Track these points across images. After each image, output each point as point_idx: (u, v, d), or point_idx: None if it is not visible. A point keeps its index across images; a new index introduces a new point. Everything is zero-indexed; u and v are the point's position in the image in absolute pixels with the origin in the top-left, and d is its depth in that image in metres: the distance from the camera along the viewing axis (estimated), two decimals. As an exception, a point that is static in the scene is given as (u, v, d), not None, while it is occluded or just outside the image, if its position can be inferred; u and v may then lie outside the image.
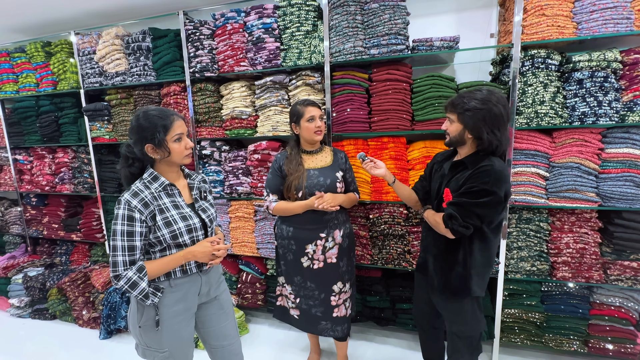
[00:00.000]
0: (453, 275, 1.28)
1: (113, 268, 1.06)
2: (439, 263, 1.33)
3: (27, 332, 2.44)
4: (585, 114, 1.62)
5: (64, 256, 3.01)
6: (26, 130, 2.83)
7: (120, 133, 2.52)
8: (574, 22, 1.61)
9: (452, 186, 1.25)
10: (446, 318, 1.41)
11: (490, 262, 1.29)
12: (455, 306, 1.33)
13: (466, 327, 1.34)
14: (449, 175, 1.31)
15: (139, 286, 1.06)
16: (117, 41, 2.36)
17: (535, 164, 1.74)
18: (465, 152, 1.28)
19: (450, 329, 1.39)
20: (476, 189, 1.15)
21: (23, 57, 2.71)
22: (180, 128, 1.14)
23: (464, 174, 1.23)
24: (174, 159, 1.15)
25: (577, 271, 1.76)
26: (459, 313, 1.33)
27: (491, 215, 1.18)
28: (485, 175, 1.15)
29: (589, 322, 1.80)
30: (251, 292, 2.33)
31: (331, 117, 1.99)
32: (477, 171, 1.17)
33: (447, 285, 1.31)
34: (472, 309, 1.32)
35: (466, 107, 1.18)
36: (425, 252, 1.42)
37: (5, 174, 3.06)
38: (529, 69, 1.66)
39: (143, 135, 1.10)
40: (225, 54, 2.13)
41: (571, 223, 1.75)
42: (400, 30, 1.78)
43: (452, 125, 1.26)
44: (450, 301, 1.34)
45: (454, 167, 1.30)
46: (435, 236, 1.32)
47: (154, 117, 1.10)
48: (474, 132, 1.20)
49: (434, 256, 1.36)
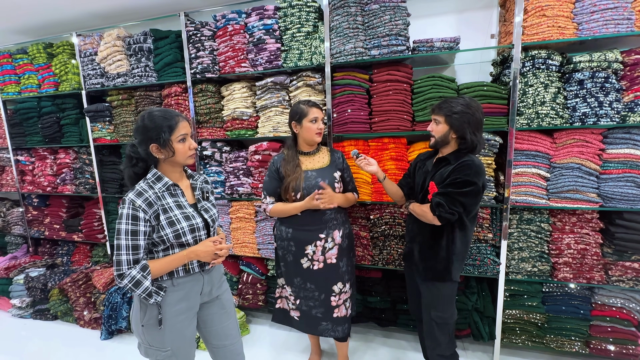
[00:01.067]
0: (437, 260, 1.41)
1: (117, 267, 1.06)
2: (424, 250, 1.45)
3: (28, 333, 2.45)
4: (586, 115, 1.62)
5: (65, 257, 3.02)
6: (28, 131, 2.84)
7: (122, 134, 2.53)
8: (575, 22, 1.61)
9: (436, 179, 1.37)
10: (426, 304, 1.48)
11: (467, 250, 1.44)
12: (435, 290, 1.44)
13: (445, 313, 1.43)
14: (433, 170, 1.43)
15: (143, 285, 1.07)
16: (119, 42, 2.37)
17: (536, 165, 1.73)
18: (448, 151, 1.41)
19: (429, 316, 1.46)
20: (460, 180, 1.28)
21: (25, 59, 2.73)
22: (185, 129, 1.15)
23: (447, 168, 1.35)
24: (178, 159, 1.16)
25: (579, 272, 1.76)
26: (438, 297, 1.44)
27: (472, 204, 1.32)
28: (467, 168, 1.29)
29: (590, 323, 1.79)
30: (252, 292, 2.33)
31: (332, 118, 1.99)
32: (460, 165, 1.30)
33: (431, 269, 1.43)
34: (450, 295, 1.44)
35: (454, 110, 1.33)
36: (411, 242, 1.53)
37: (7, 175, 3.07)
38: (529, 70, 1.67)
39: (148, 135, 1.11)
40: (226, 55, 2.14)
41: (572, 224, 1.75)
42: (401, 31, 1.78)
43: (438, 127, 1.39)
44: (432, 286, 1.44)
45: (438, 162, 1.43)
46: (421, 226, 1.44)
47: (159, 117, 1.12)
48: (458, 133, 1.34)
49: (420, 244, 1.47)
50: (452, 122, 1.34)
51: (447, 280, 1.41)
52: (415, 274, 1.53)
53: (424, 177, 1.47)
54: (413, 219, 1.49)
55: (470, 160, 1.31)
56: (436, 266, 1.41)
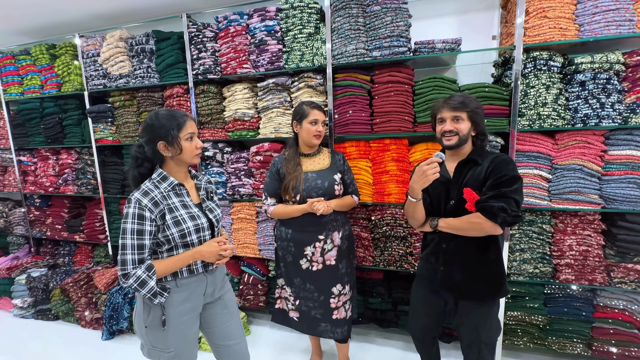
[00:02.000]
0: (489, 277, 1.24)
1: (122, 266, 1.06)
2: (470, 269, 1.26)
3: (30, 333, 2.45)
4: (588, 116, 1.62)
5: (67, 257, 3.02)
6: (30, 132, 2.86)
7: (124, 135, 2.53)
8: (576, 24, 1.61)
9: (470, 184, 1.22)
10: (474, 327, 1.29)
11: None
12: (485, 311, 1.27)
13: (494, 332, 1.30)
14: (457, 177, 1.28)
15: (148, 285, 1.07)
16: (121, 43, 2.38)
17: (538, 166, 1.73)
18: (467, 151, 1.30)
19: (478, 338, 1.28)
20: (507, 177, 1.15)
21: (28, 60, 2.74)
22: (192, 128, 1.17)
23: (476, 169, 1.23)
24: (185, 158, 1.17)
25: (581, 274, 1.75)
26: (488, 318, 1.28)
27: (522, 201, 1.20)
28: (507, 163, 1.19)
29: (592, 325, 1.78)
30: (253, 293, 2.33)
31: (333, 119, 1.99)
32: (498, 162, 1.19)
33: (483, 289, 1.25)
34: (496, 312, 1.30)
35: (472, 106, 1.26)
36: (448, 264, 1.30)
37: (10, 175, 3.08)
38: (531, 71, 1.67)
39: (157, 132, 1.12)
40: (228, 56, 2.14)
41: (574, 225, 1.75)
42: (402, 32, 1.79)
43: (461, 125, 1.25)
44: (481, 306, 1.27)
45: (462, 166, 1.28)
46: (462, 243, 1.25)
47: (167, 116, 1.14)
48: (478, 128, 1.27)
49: (462, 264, 1.28)
50: (474, 118, 1.25)
51: (501, 296, 1.27)
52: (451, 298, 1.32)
53: (446, 186, 1.30)
54: (449, 237, 1.28)
55: (501, 155, 1.23)
56: (489, 284, 1.24)
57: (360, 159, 2.01)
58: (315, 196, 1.59)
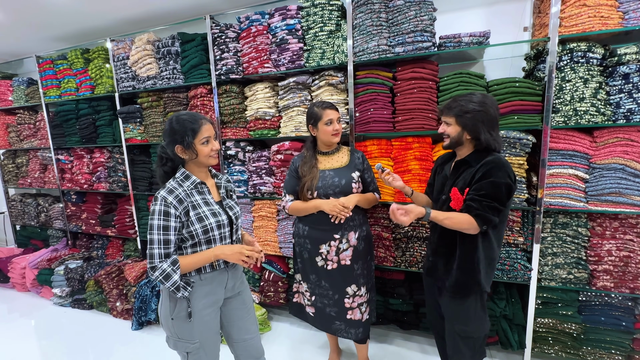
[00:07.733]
0: (461, 272, 1.30)
1: (150, 260, 1.13)
2: (451, 263, 1.33)
3: (67, 320, 2.62)
4: (632, 111, 1.50)
5: (100, 250, 3.21)
6: (67, 132, 3.04)
7: (151, 134, 2.64)
8: (620, 11, 1.49)
9: (459, 185, 1.27)
10: (448, 317, 1.39)
11: (497, 256, 1.33)
12: (458, 303, 1.33)
13: (469, 326, 1.33)
14: (452, 175, 1.34)
15: (172, 278, 1.12)
16: (149, 46, 2.47)
17: (574, 165, 1.63)
18: (465, 153, 1.32)
19: (452, 328, 1.36)
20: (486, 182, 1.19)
21: (65, 64, 2.91)
22: (208, 132, 1.20)
23: (469, 171, 1.26)
24: (201, 160, 1.22)
25: (621, 281, 1.63)
26: (461, 311, 1.33)
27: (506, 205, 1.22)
28: (497, 169, 1.19)
29: (633, 337, 1.66)
30: (273, 290, 2.36)
31: (354, 117, 1.97)
32: (488, 167, 1.20)
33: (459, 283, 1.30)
34: (476, 307, 1.32)
35: (465, 109, 1.23)
36: (435, 255, 1.41)
37: (49, 173, 3.30)
38: (567, 64, 1.56)
39: (174, 137, 1.18)
40: (249, 56, 2.17)
41: (614, 229, 1.63)
42: (427, 27, 1.73)
43: (449, 128, 1.30)
44: (456, 299, 1.34)
45: (457, 166, 1.33)
46: (447, 237, 1.32)
47: (184, 121, 1.18)
48: (472, 133, 1.25)
49: (444, 256, 1.36)
50: (464, 122, 1.24)
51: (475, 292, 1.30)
52: (436, 290, 1.43)
53: (442, 182, 1.38)
54: (440, 229, 1.35)
55: (493, 159, 1.21)
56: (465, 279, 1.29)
57: (381, 157, 1.98)
58: (331, 194, 1.59)
